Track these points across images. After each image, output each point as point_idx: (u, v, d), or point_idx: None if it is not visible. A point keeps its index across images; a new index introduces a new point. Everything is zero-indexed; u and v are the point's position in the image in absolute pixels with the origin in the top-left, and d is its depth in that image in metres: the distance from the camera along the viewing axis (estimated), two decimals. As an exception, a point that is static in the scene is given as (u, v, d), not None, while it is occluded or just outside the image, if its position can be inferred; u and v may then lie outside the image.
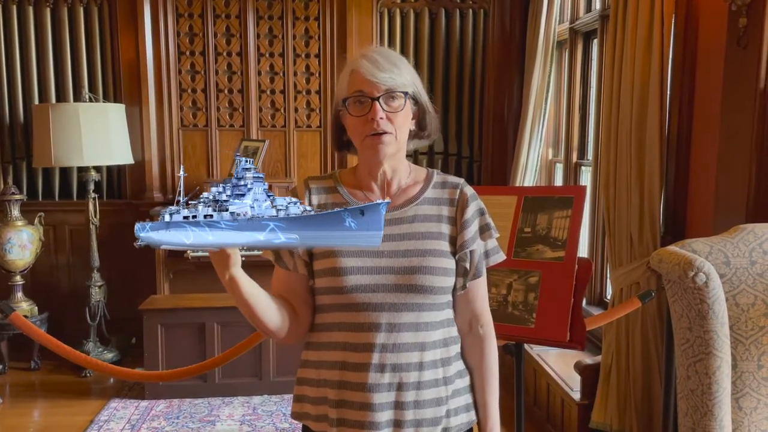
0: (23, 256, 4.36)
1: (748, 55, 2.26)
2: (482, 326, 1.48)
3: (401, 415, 1.36)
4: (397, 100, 1.38)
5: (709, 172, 2.57)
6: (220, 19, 4.67)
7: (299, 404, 1.47)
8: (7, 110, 4.66)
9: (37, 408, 3.93)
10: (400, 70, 1.39)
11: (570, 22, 4.11)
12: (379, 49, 1.42)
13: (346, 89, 1.39)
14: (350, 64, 1.41)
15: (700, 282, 1.56)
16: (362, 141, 1.39)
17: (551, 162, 4.57)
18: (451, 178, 1.51)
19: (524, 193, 2.22)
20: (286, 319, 1.39)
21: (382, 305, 1.35)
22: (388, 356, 1.35)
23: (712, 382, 1.58)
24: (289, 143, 4.80)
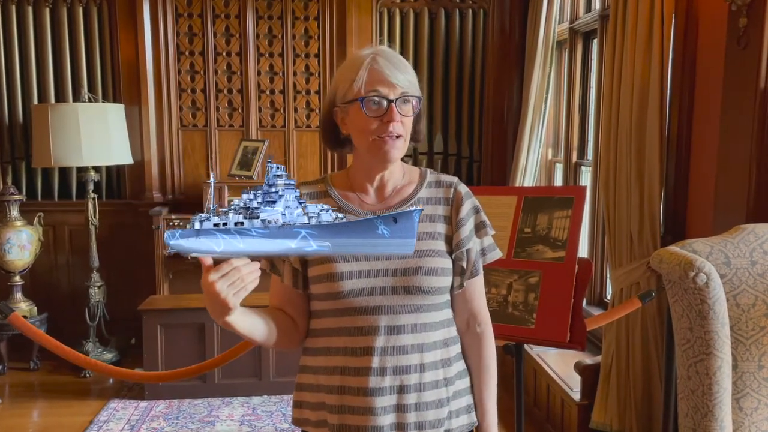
0: (22, 257, 4.36)
1: (748, 55, 2.25)
2: (479, 325, 1.47)
3: (403, 418, 1.35)
4: (409, 105, 1.36)
5: (709, 172, 2.56)
6: (220, 19, 4.67)
7: (299, 410, 1.46)
8: (7, 110, 4.65)
9: (36, 408, 3.93)
10: (411, 73, 1.38)
11: (570, 22, 4.11)
12: (389, 49, 1.40)
13: (361, 85, 1.33)
14: (364, 61, 1.35)
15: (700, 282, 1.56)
16: (371, 141, 1.35)
17: (551, 162, 4.57)
18: (444, 177, 1.49)
19: (524, 193, 2.21)
20: (284, 332, 1.39)
21: (381, 308, 1.34)
22: (388, 359, 1.34)
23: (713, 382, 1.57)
24: (288, 143, 4.80)
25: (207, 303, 1.18)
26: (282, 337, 1.39)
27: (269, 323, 1.36)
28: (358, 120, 1.36)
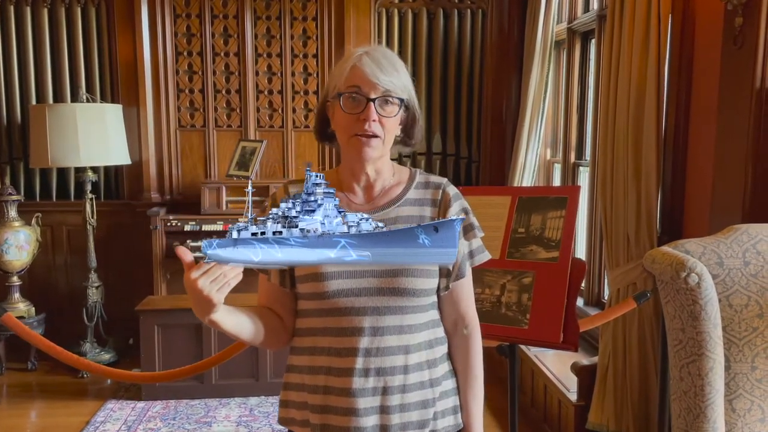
0: (20, 257, 4.36)
1: (744, 55, 2.24)
2: (467, 327, 1.46)
3: (387, 420, 1.35)
4: (391, 105, 1.35)
5: (706, 172, 2.55)
6: (218, 20, 4.67)
7: (285, 409, 1.46)
8: (5, 110, 4.66)
9: (33, 409, 3.92)
10: (399, 75, 1.37)
11: (568, 22, 4.10)
12: (381, 48, 1.40)
13: (342, 83, 1.35)
14: (350, 58, 1.37)
15: (692, 283, 1.55)
16: (348, 139, 1.36)
17: (549, 162, 4.56)
18: (433, 178, 1.48)
19: (518, 193, 2.20)
20: (272, 331, 1.39)
21: (365, 309, 1.33)
22: (372, 360, 1.33)
23: (705, 383, 1.56)
24: (286, 144, 4.79)
25: (191, 301, 1.17)
26: (269, 336, 1.38)
27: (256, 322, 1.35)
28: (338, 116, 1.37)
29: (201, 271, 1.13)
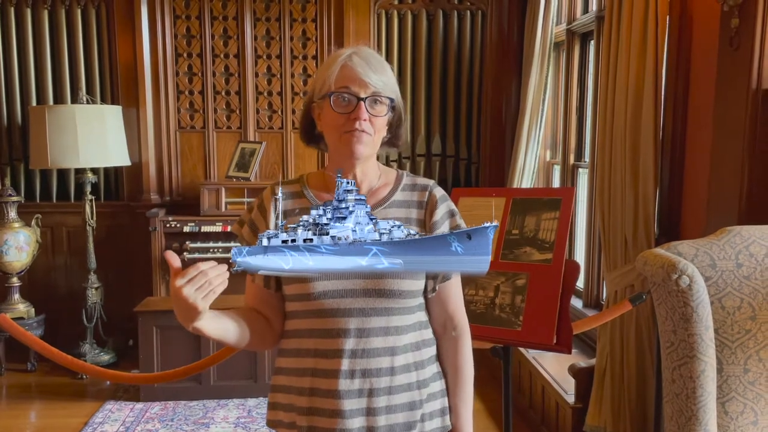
0: (20, 258, 4.37)
1: (741, 56, 2.24)
2: (455, 329, 1.46)
3: (373, 422, 1.34)
4: (380, 105, 1.35)
5: (703, 174, 2.55)
6: (218, 21, 4.67)
7: (273, 412, 1.45)
8: (5, 112, 4.67)
9: (32, 410, 3.93)
10: (387, 75, 1.37)
11: (567, 24, 4.09)
12: (368, 48, 1.40)
13: (332, 82, 1.34)
14: (338, 58, 1.36)
15: (683, 285, 1.54)
16: (339, 137, 1.35)
17: (549, 164, 4.55)
18: (420, 180, 1.48)
19: (512, 194, 2.20)
20: (258, 333, 1.38)
21: (351, 310, 1.32)
22: (358, 362, 1.33)
23: (697, 386, 1.56)
24: (286, 145, 4.80)
25: (175, 308, 1.16)
26: (255, 339, 1.38)
27: (241, 326, 1.35)
28: (328, 116, 1.36)
29: (186, 278, 1.12)
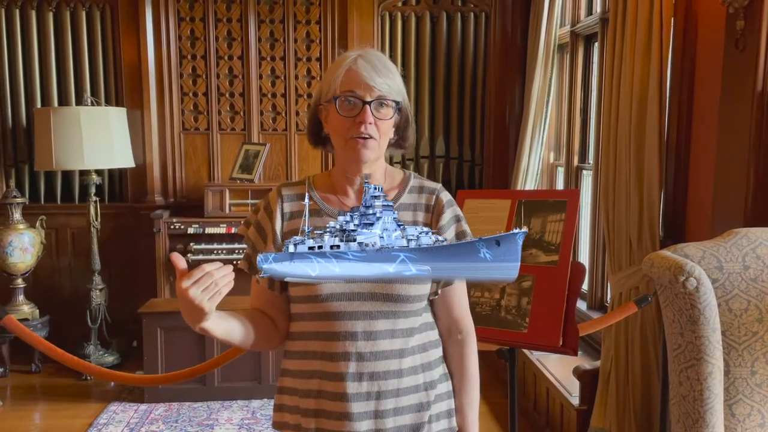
0: (25, 259, 4.37)
1: (746, 58, 2.23)
2: (461, 332, 1.46)
3: (381, 424, 1.34)
4: (386, 108, 1.35)
5: (708, 176, 2.54)
6: (222, 23, 4.68)
7: (279, 413, 1.46)
8: (10, 113, 4.69)
9: (37, 411, 3.94)
10: (393, 77, 1.37)
11: (571, 26, 4.09)
12: (374, 51, 1.39)
13: (337, 86, 1.34)
14: (345, 61, 1.36)
15: (690, 287, 1.54)
16: (345, 141, 1.35)
17: (553, 166, 4.55)
18: (428, 183, 1.48)
19: (518, 196, 2.20)
20: (263, 334, 1.39)
21: (358, 313, 1.32)
22: (365, 365, 1.33)
23: (704, 388, 1.55)
24: (290, 147, 4.80)
25: (182, 309, 1.17)
26: (260, 340, 1.38)
27: (247, 326, 1.35)
28: (334, 119, 1.36)
29: (192, 279, 1.12)
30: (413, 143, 1.49)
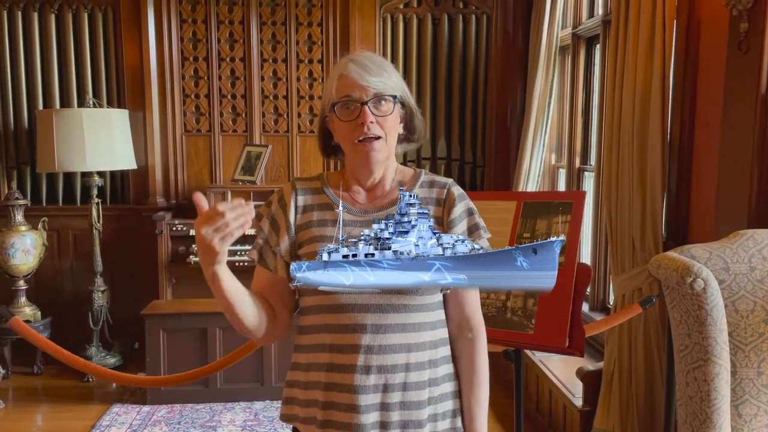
0: (27, 261, 4.38)
1: (750, 60, 2.24)
2: (471, 330, 1.46)
3: (387, 417, 1.36)
4: (385, 104, 1.37)
5: (711, 177, 2.55)
6: (224, 25, 4.69)
7: (288, 406, 1.47)
8: (12, 115, 4.69)
9: (39, 412, 3.94)
10: (388, 74, 1.39)
11: (572, 28, 4.10)
12: (366, 53, 1.42)
13: (334, 93, 1.37)
14: (337, 69, 1.40)
15: (698, 288, 1.55)
16: (353, 146, 1.38)
17: (554, 167, 4.56)
18: (439, 178, 1.50)
19: (523, 198, 2.21)
20: (264, 319, 1.38)
21: (368, 306, 1.33)
22: (373, 358, 1.34)
23: (711, 389, 1.56)
24: (291, 148, 4.81)
25: (198, 250, 1.18)
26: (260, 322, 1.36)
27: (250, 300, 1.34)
28: (338, 126, 1.39)
29: (205, 218, 1.13)
30: (423, 134, 1.50)
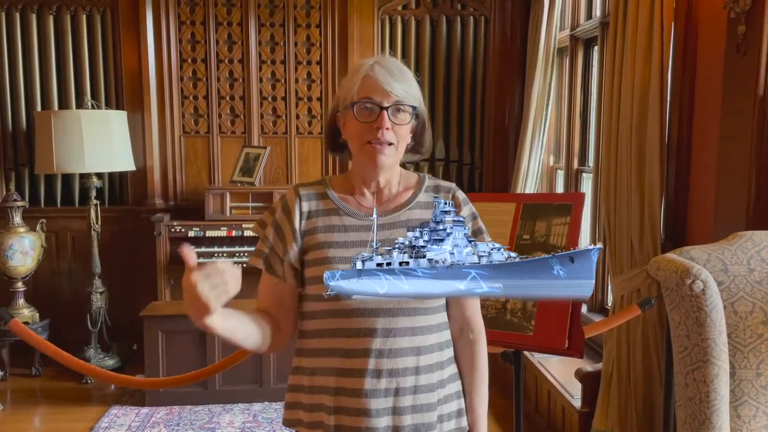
0: (25, 263, 4.37)
1: (747, 62, 2.25)
2: (473, 332, 1.48)
3: (399, 421, 1.36)
4: (403, 113, 1.38)
5: (709, 179, 2.56)
6: (222, 27, 4.69)
7: (292, 411, 1.47)
8: (10, 117, 4.68)
9: (37, 414, 3.93)
10: (410, 84, 1.39)
11: (570, 29, 4.11)
12: (391, 58, 1.43)
13: (355, 92, 1.37)
14: (362, 69, 1.39)
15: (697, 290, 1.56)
16: (362, 147, 1.38)
17: (552, 169, 4.57)
18: (443, 183, 1.52)
19: (523, 200, 2.21)
20: (267, 336, 1.39)
21: (378, 310, 1.34)
22: (384, 361, 1.34)
23: (710, 390, 1.57)
24: (290, 150, 4.81)
25: (187, 303, 1.16)
26: (263, 341, 1.38)
27: (250, 326, 1.35)
28: (352, 125, 1.39)
29: (203, 275, 1.12)
30: (430, 148, 1.52)
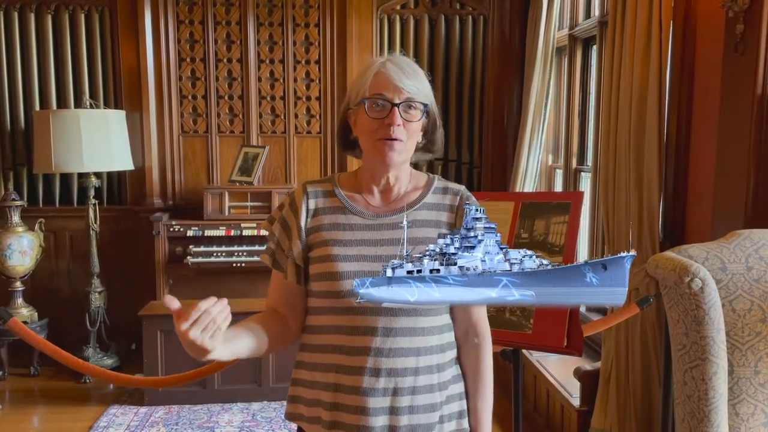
0: (23, 262, 4.37)
1: (746, 61, 2.26)
2: (478, 336, 1.47)
3: (396, 421, 1.36)
4: (414, 110, 1.38)
5: (707, 178, 2.57)
6: (221, 26, 4.69)
7: (294, 405, 1.47)
8: (8, 116, 4.68)
9: (36, 414, 3.93)
10: (422, 81, 1.40)
11: (569, 29, 4.12)
12: (403, 56, 1.43)
13: (366, 89, 1.37)
14: (373, 66, 1.39)
15: (695, 288, 1.56)
16: (373, 143, 1.38)
17: (551, 168, 4.57)
18: (452, 185, 1.51)
19: (522, 198, 2.22)
20: (275, 338, 1.40)
21: (379, 309, 1.34)
22: (383, 361, 1.34)
23: (709, 388, 1.57)
24: (289, 149, 4.81)
25: (186, 349, 1.17)
26: (272, 345, 1.40)
27: (255, 336, 1.36)
28: (363, 121, 1.39)
29: (190, 322, 1.13)
30: (441, 147, 1.51)
